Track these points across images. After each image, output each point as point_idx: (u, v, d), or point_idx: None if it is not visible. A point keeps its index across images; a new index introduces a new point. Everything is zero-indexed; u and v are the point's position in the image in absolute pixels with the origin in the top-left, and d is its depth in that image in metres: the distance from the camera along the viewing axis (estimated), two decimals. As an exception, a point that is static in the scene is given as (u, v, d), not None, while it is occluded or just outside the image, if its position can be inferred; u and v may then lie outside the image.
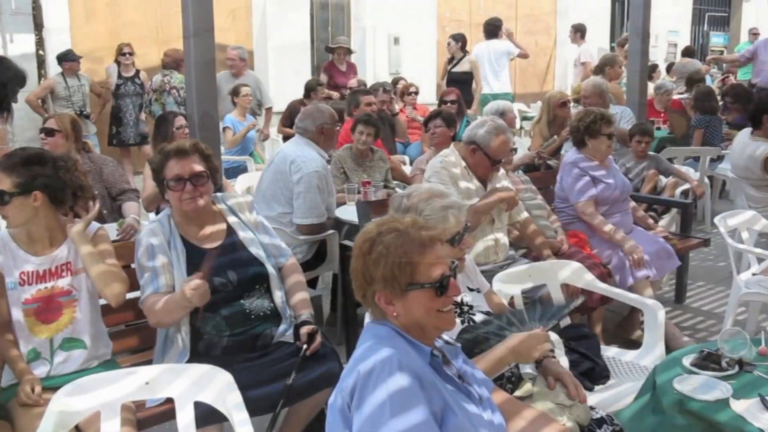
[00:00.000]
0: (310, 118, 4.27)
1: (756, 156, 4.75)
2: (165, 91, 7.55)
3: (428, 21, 11.35)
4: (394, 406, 1.65)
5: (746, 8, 17.11)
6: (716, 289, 5.17)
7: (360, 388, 1.70)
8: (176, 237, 2.74)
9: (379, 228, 1.87)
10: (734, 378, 2.31)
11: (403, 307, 1.82)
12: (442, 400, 1.76)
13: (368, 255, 1.82)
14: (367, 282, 1.84)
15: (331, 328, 4.49)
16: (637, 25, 5.84)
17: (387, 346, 1.77)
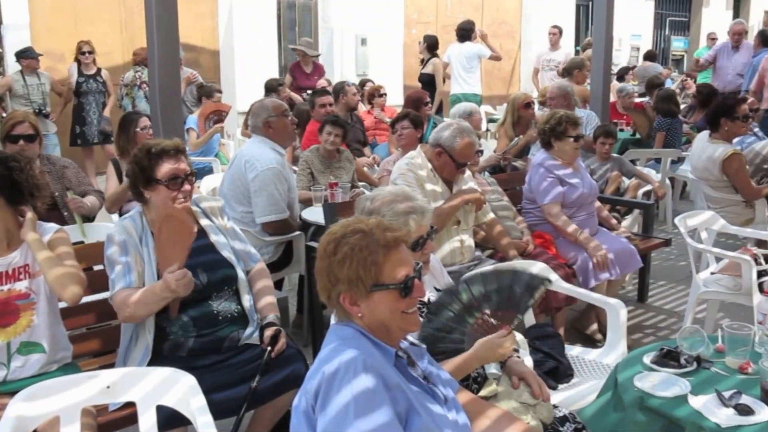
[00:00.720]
0: (254, 115, 4.29)
1: (714, 158, 4.85)
2: (136, 85, 7.47)
3: (395, 22, 11.38)
4: (358, 407, 1.65)
5: (705, 13, 17.47)
6: (677, 288, 5.27)
7: (324, 390, 1.70)
8: (148, 234, 2.71)
9: (344, 229, 1.86)
10: (692, 374, 2.35)
11: (367, 308, 1.81)
12: (407, 401, 1.76)
13: (333, 256, 1.82)
14: (331, 283, 1.83)
15: (297, 330, 4.48)
16: (601, 29, 5.93)
17: (352, 347, 1.77)
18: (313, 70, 8.43)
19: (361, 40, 10.91)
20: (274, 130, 4.25)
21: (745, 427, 2.03)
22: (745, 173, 4.89)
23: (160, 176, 2.70)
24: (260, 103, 4.38)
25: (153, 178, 2.71)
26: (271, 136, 4.24)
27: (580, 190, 4.23)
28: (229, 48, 9.82)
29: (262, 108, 4.29)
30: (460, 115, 5.50)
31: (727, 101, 5.10)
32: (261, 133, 4.23)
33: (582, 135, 4.35)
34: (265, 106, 4.30)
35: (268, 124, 4.23)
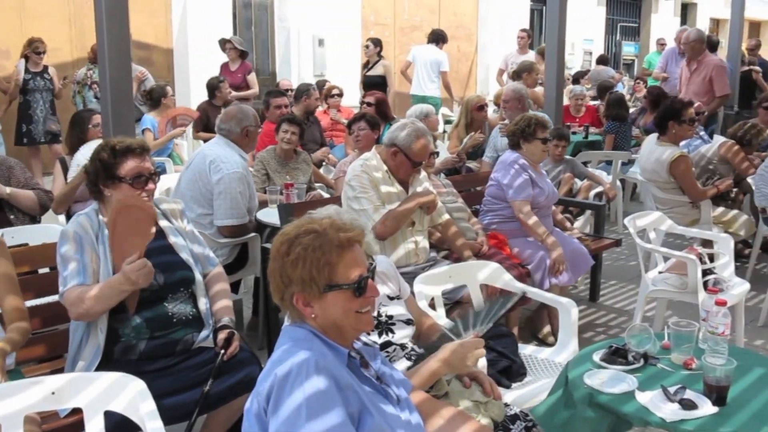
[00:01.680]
0: (234, 120, 4.21)
1: (662, 160, 4.97)
2: (86, 85, 7.31)
3: (353, 24, 11.38)
4: (310, 408, 1.65)
5: (654, 19, 17.90)
6: (627, 287, 5.38)
7: (276, 392, 1.69)
8: (104, 232, 2.66)
9: (297, 229, 1.85)
10: (640, 371, 2.41)
11: (321, 309, 1.81)
12: (359, 402, 1.77)
13: (286, 256, 1.81)
14: (284, 284, 1.82)
15: (252, 333, 4.44)
16: (554, 34, 6.00)
17: (304, 348, 1.77)
18: (237, 68, 8.34)
19: (318, 40, 10.88)
20: (249, 139, 4.26)
21: (689, 421, 2.09)
22: (691, 175, 5.02)
23: (124, 174, 2.66)
24: (240, 110, 4.31)
25: (116, 175, 2.67)
26: (242, 143, 4.22)
27: (545, 192, 4.30)
28: (182, 46, 9.70)
29: (244, 115, 4.25)
30: (417, 116, 5.52)
31: (674, 105, 5.22)
32: (234, 138, 4.19)
33: (549, 137, 4.43)
34: (247, 114, 4.26)
35: (246, 132, 4.21)
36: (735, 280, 4.03)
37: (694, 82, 7.88)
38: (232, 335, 2.69)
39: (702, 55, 7.84)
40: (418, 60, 9.02)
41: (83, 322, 2.62)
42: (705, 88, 7.69)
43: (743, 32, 9.70)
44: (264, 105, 6.23)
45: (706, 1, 19.27)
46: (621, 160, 7.10)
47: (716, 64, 7.79)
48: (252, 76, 8.40)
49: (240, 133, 4.20)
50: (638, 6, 18.27)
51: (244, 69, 8.42)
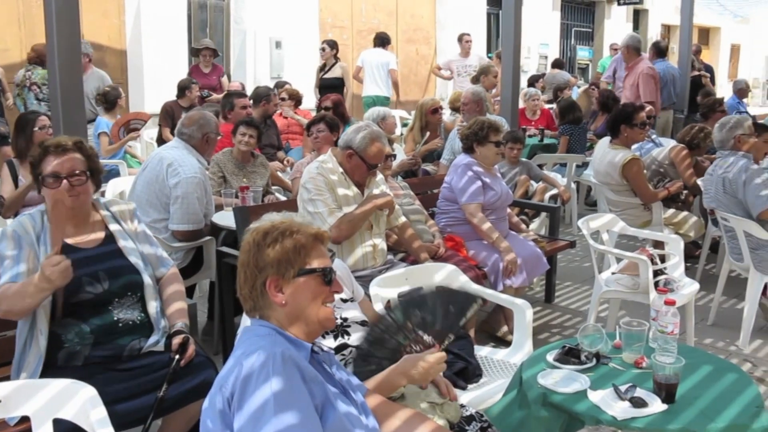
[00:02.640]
0: (196, 125, 4.17)
1: (615, 163, 5.06)
2: (26, 86, 7.13)
3: (310, 26, 11.33)
4: (278, 401, 1.65)
5: (607, 25, 18.24)
6: (582, 288, 5.46)
7: (242, 385, 1.68)
8: (47, 233, 2.60)
9: (272, 221, 1.94)
10: (592, 370, 2.45)
11: (291, 295, 1.86)
12: (324, 394, 1.78)
13: (263, 241, 1.88)
14: (258, 269, 1.86)
15: (207, 338, 4.39)
16: (509, 38, 6.08)
17: (268, 342, 1.79)
18: (211, 71, 8.29)
19: (275, 42, 10.81)
20: (209, 145, 4.23)
21: (639, 419, 2.13)
22: (643, 178, 5.13)
23: (44, 172, 2.61)
24: (203, 116, 4.26)
25: (39, 173, 2.63)
26: (201, 148, 4.18)
27: (498, 195, 4.34)
28: (136, 48, 9.53)
29: (206, 121, 4.21)
30: (374, 119, 5.54)
31: (626, 109, 5.33)
32: (194, 143, 4.15)
33: (503, 141, 4.47)
34: (209, 121, 4.23)
35: (207, 139, 4.17)
36: (685, 280, 4.13)
37: (627, 87, 8.09)
38: (188, 340, 2.65)
39: (634, 61, 8.02)
40: (367, 63, 9.42)
41: (27, 328, 2.56)
42: (635, 93, 7.86)
43: (692, 38, 9.94)
44: (227, 107, 6.15)
45: (658, 8, 19.70)
46: (575, 163, 7.22)
47: (643, 71, 7.95)
48: (225, 78, 8.36)
49: (201, 139, 4.16)
50: (592, 11, 18.59)
51: (218, 72, 8.36)
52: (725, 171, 4.45)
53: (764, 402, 2.29)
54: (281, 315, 1.87)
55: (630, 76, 8.06)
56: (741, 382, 2.36)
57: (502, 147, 4.46)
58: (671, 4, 15.97)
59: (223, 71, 8.48)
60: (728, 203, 4.45)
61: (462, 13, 13.70)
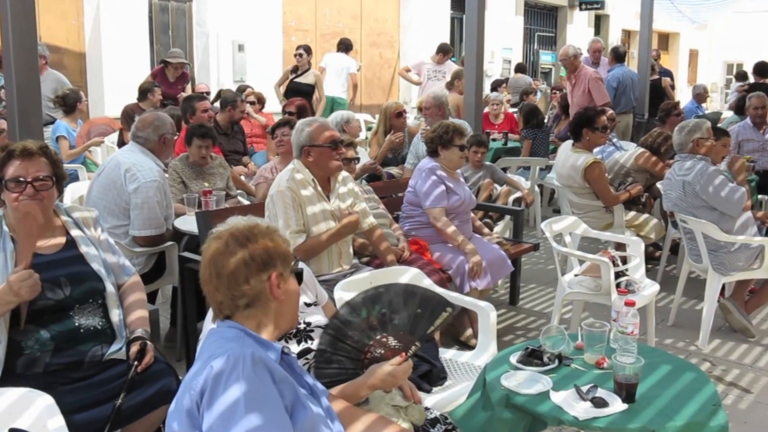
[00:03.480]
0: (151, 128, 4.09)
1: (577, 166, 5.13)
2: None
3: (274, 29, 11.28)
4: (248, 402, 1.63)
5: (570, 30, 18.50)
6: (546, 290, 5.51)
7: (212, 386, 1.67)
8: (6, 239, 2.54)
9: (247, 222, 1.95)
10: (554, 371, 2.47)
11: (286, 292, 1.89)
12: (294, 394, 1.77)
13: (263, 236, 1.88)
14: (264, 264, 1.85)
15: (170, 344, 4.33)
16: (473, 42, 6.11)
17: (237, 343, 1.77)
18: (176, 80, 8.19)
19: (238, 45, 10.74)
20: (166, 147, 4.15)
21: (600, 419, 2.15)
22: (604, 181, 5.20)
23: (7, 176, 2.56)
24: (157, 117, 4.18)
25: (1, 177, 2.57)
26: (159, 150, 4.11)
27: (462, 198, 4.36)
28: (96, 50, 9.39)
29: (162, 123, 4.13)
30: (338, 123, 5.53)
31: (588, 112, 5.41)
32: (151, 146, 4.08)
33: (467, 144, 4.50)
34: (164, 122, 4.15)
35: (164, 140, 4.11)
36: (646, 282, 4.18)
37: (575, 95, 8.20)
38: (146, 346, 2.62)
39: (578, 69, 8.17)
40: (329, 66, 9.89)
41: None
42: (586, 100, 7.94)
43: (652, 43, 10.12)
44: (189, 111, 6.07)
45: (618, 14, 20.04)
46: (539, 166, 7.29)
47: (591, 77, 8.10)
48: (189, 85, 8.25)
49: (157, 141, 4.09)
50: (554, 16, 18.84)
51: (184, 80, 8.25)
52: (684, 174, 4.53)
53: (721, 400, 2.34)
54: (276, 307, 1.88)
55: (578, 84, 8.17)
56: (699, 381, 2.40)
57: (466, 150, 4.49)
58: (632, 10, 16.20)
59: (188, 79, 8.37)
60: (688, 206, 4.53)
61: (426, 17, 13.77)
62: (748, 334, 4.56)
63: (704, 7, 16.64)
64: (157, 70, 8.27)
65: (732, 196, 4.42)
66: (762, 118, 6.93)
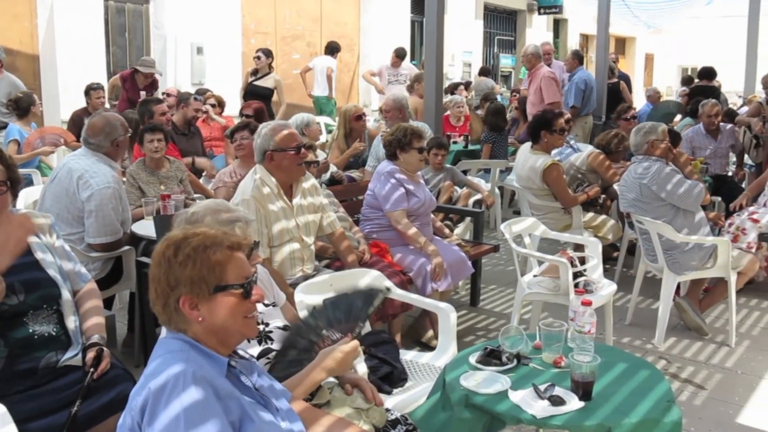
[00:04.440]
0: (103, 134, 4.00)
1: (536, 168, 5.19)
2: None
3: (233, 32, 11.19)
4: (188, 419, 1.61)
5: (529, 33, 18.73)
6: (506, 291, 5.56)
7: (152, 405, 1.64)
8: None
9: (185, 233, 1.84)
10: (513, 371, 2.49)
11: (208, 311, 1.79)
12: (240, 409, 1.75)
13: (174, 258, 1.78)
14: (170, 287, 1.77)
15: (128, 350, 4.27)
16: (432, 46, 6.15)
17: (180, 359, 1.73)
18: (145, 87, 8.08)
19: (196, 48, 10.63)
20: (120, 149, 4.09)
21: (557, 417, 2.18)
22: (563, 182, 5.28)
23: None
24: (107, 122, 4.06)
25: None
26: (113, 154, 4.04)
27: (421, 201, 4.37)
28: (50, 52, 9.19)
29: (112, 128, 4.04)
30: (298, 125, 5.51)
31: (546, 115, 5.48)
32: (103, 151, 4.00)
33: (425, 147, 4.51)
34: (115, 126, 4.05)
35: (117, 144, 4.03)
36: (603, 282, 4.24)
37: (530, 92, 8.39)
38: (102, 352, 2.58)
39: (536, 67, 8.33)
40: (316, 68, 10.83)
41: None
42: (538, 98, 8.14)
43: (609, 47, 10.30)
44: (146, 114, 5.99)
45: (577, 18, 20.35)
46: (499, 168, 7.36)
47: (545, 75, 8.25)
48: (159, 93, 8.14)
49: (110, 146, 4.02)
50: (514, 20, 19.05)
51: (152, 88, 8.12)
52: (640, 175, 4.62)
53: (675, 397, 2.39)
54: (198, 329, 1.81)
55: (534, 82, 8.34)
56: (653, 378, 2.45)
57: (425, 153, 4.50)
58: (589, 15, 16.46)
59: (157, 86, 8.26)
60: (644, 206, 4.62)
61: (386, 20, 13.80)
62: (702, 332, 4.67)
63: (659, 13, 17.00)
64: (127, 74, 8.13)
65: (691, 192, 4.51)
66: (715, 126, 7.11)
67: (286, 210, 3.63)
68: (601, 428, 2.15)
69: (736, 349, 4.46)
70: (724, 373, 4.11)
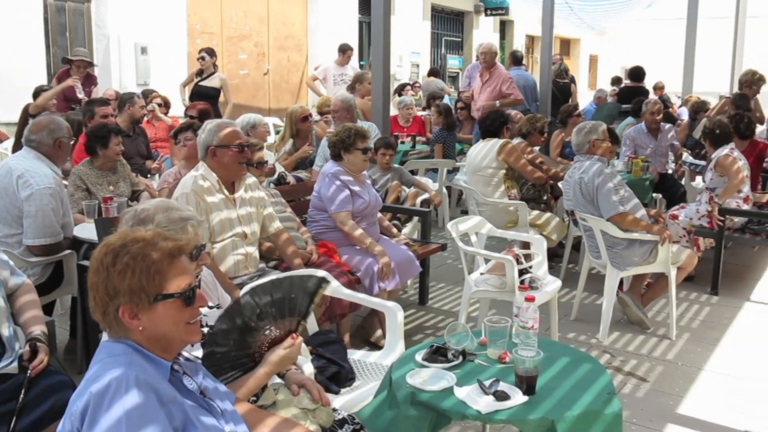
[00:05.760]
0: (46, 131, 3.93)
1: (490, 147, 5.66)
2: None
3: (178, 31, 11.01)
4: (130, 424, 1.59)
5: (476, 34, 18.92)
6: (455, 290, 5.61)
7: (93, 409, 1.61)
8: None
9: (123, 239, 1.77)
10: (458, 368, 2.52)
11: (149, 320, 1.75)
12: (184, 414, 1.73)
13: (112, 267, 1.72)
14: (109, 296, 1.73)
15: (70, 356, 4.16)
16: (379, 46, 6.15)
17: (122, 363, 1.70)
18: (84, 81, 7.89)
19: (141, 48, 10.43)
20: (62, 151, 4.00)
21: (501, 411, 2.21)
22: (520, 156, 5.66)
23: None
24: (52, 120, 4.01)
25: None
26: (53, 155, 3.95)
27: (366, 201, 4.37)
28: (-15, 53, 8.91)
29: (57, 126, 3.97)
30: (244, 126, 5.46)
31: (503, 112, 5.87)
32: (44, 151, 3.91)
33: (370, 147, 4.51)
34: (60, 125, 3.99)
35: (59, 144, 3.94)
36: (549, 278, 4.31)
37: (485, 92, 8.33)
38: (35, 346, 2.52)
39: (494, 67, 8.34)
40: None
41: None
42: (494, 98, 8.14)
43: (553, 48, 10.47)
44: (88, 114, 5.85)
45: (523, 20, 20.64)
46: (446, 168, 7.42)
47: (505, 77, 8.30)
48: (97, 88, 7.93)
49: (52, 146, 3.93)
50: (461, 21, 19.22)
51: (91, 82, 7.91)
52: (581, 174, 4.71)
53: (615, 389, 2.44)
54: (140, 337, 1.77)
55: (490, 82, 8.29)
56: (595, 371, 2.50)
57: (369, 153, 4.51)
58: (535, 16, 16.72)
59: (96, 81, 8.07)
60: (586, 204, 4.71)
61: (334, 21, 13.78)
62: (644, 326, 4.79)
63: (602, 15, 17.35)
64: (62, 72, 7.92)
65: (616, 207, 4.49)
66: (657, 124, 7.30)
67: (227, 201, 3.60)
68: (545, 421, 2.18)
69: (676, 342, 4.58)
70: (665, 366, 4.22)
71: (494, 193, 5.67)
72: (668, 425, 3.49)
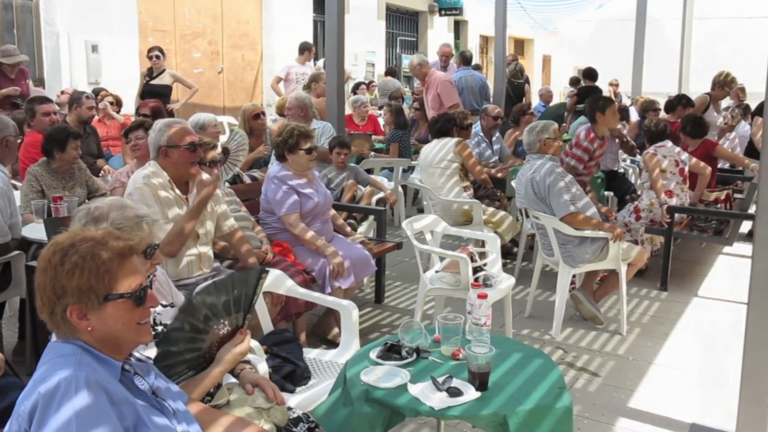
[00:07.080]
0: None
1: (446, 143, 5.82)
2: None
3: (129, 29, 10.83)
4: (80, 424, 1.56)
5: (431, 34, 19.04)
6: (410, 288, 5.65)
7: (41, 410, 1.58)
8: None
9: (72, 238, 1.74)
10: (412, 365, 2.54)
11: (98, 321, 1.72)
12: (135, 414, 1.71)
13: (60, 266, 1.69)
14: (57, 296, 1.69)
15: (19, 358, 4.07)
16: (333, 45, 6.15)
17: (71, 363, 1.67)
18: (17, 76, 7.71)
19: (91, 46, 10.23)
20: (9, 150, 3.95)
21: (454, 407, 2.24)
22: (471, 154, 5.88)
23: None
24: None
25: None
26: (0, 154, 3.88)
27: (315, 200, 4.36)
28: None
29: (4, 125, 3.92)
30: (193, 126, 5.39)
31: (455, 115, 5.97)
32: None
33: (315, 146, 4.47)
34: (7, 124, 3.94)
35: (6, 143, 3.86)
36: (502, 276, 4.37)
37: (428, 99, 8.37)
38: None
39: (428, 75, 8.31)
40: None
41: None
42: (437, 103, 8.13)
43: (506, 49, 10.59)
44: (29, 113, 5.72)
45: (477, 20, 20.82)
46: (402, 167, 7.45)
47: (441, 80, 8.28)
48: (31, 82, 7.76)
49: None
50: (416, 21, 19.31)
51: (24, 76, 7.72)
52: (533, 173, 4.77)
53: (566, 383, 2.49)
54: (89, 338, 1.74)
55: (429, 90, 8.28)
56: (546, 366, 2.54)
57: (314, 153, 4.45)
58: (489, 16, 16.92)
59: (28, 75, 7.89)
60: (538, 203, 4.78)
61: (288, 19, 13.71)
62: (597, 322, 4.88)
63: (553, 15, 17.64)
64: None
65: (567, 206, 4.55)
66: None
67: (179, 199, 3.55)
68: (497, 417, 2.22)
69: (627, 337, 4.69)
70: (616, 360, 4.31)
71: (447, 184, 5.79)
72: (620, 419, 3.57)
